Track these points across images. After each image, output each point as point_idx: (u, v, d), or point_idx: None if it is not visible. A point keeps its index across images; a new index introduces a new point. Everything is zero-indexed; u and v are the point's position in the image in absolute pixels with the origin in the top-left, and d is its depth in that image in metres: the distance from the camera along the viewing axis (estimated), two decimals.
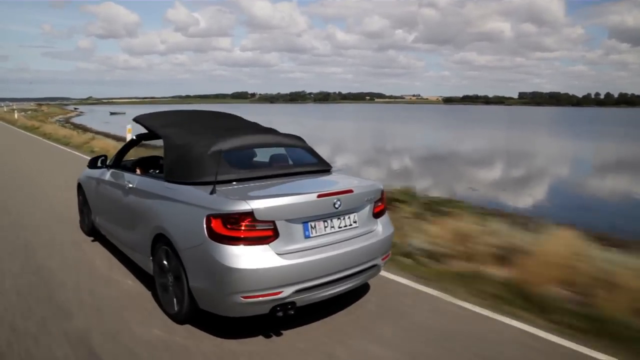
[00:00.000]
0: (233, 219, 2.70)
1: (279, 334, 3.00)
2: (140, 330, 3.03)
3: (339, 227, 3.09)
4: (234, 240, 2.70)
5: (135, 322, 3.14)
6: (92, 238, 5.08)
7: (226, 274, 2.67)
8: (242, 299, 2.70)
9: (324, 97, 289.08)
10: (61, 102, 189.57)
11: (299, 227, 2.88)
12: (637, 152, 25.99)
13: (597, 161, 22.59)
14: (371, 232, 3.31)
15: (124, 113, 72.30)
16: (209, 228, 2.73)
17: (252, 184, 3.15)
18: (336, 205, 3.01)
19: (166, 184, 3.30)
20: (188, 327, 3.07)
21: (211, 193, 2.86)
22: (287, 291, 2.76)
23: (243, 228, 2.70)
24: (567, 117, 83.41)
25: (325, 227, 3.02)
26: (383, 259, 3.38)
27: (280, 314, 2.81)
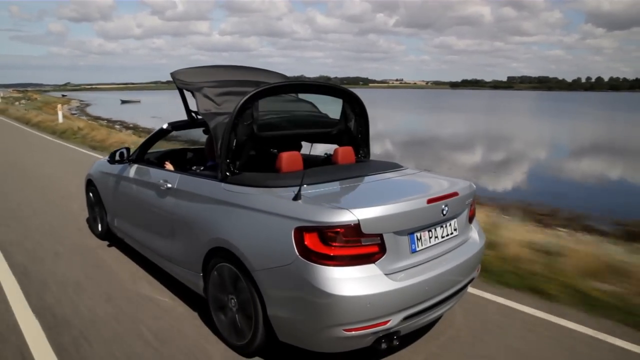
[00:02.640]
0: (334, 233, 2.11)
1: None
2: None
3: (442, 237, 2.55)
4: (335, 260, 2.12)
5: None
6: (107, 242, 4.41)
7: (325, 303, 2.09)
8: (344, 332, 2.14)
9: None
10: (34, 88, 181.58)
11: (405, 240, 2.32)
12: None
13: None
14: (469, 240, 2.80)
15: (139, 101, 67.62)
16: (300, 244, 2.14)
17: (336, 185, 2.56)
18: (444, 212, 2.47)
19: (224, 185, 2.68)
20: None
21: (295, 198, 2.27)
22: (395, 319, 2.22)
23: (346, 244, 2.13)
24: (612, 102, 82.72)
25: (430, 237, 2.47)
26: (477, 271, 2.87)
27: (384, 346, 2.27)
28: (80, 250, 4.24)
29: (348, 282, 2.10)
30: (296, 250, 2.14)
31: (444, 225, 2.56)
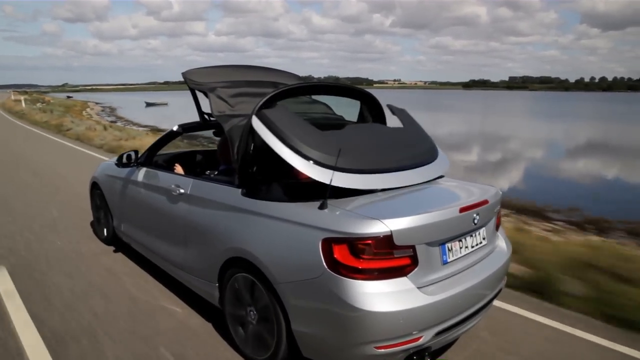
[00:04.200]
0: (365, 245, 1.99)
1: None
2: None
3: (472, 247, 2.43)
4: (366, 274, 1.99)
5: None
6: (113, 248, 4.27)
7: (356, 319, 1.97)
8: (375, 349, 2.01)
9: None
10: (29, 89, 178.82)
11: (436, 251, 2.20)
12: None
13: None
14: (496, 249, 2.68)
15: (166, 104, 60.43)
16: (329, 257, 2.02)
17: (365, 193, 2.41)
18: (475, 221, 2.36)
19: (242, 191, 2.54)
20: None
21: (321, 207, 2.14)
22: (428, 335, 2.10)
23: (378, 256, 2.00)
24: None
25: (461, 247, 2.35)
26: (503, 281, 2.76)
27: None
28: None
29: (380, 297, 1.98)
30: (324, 263, 2.02)
31: (474, 235, 2.44)
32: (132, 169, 3.68)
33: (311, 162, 2.24)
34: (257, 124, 2.41)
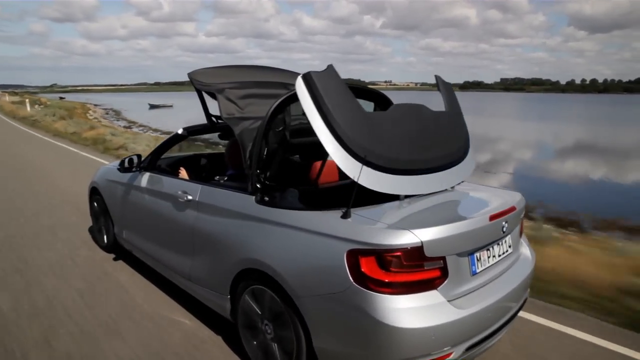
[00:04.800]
0: (394, 257, 1.86)
1: None
2: None
3: (499, 255, 2.32)
4: (395, 287, 1.87)
5: None
6: (113, 255, 4.12)
7: (386, 336, 1.85)
8: None
9: None
10: (17, 89, 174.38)
11: (465, 262, 2.08)
12: None
13: None
14: (521, 256, 2.57)
15: (171, 106, 56.47)
16: (355, 269, 1.89)
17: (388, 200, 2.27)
18: (504, 229, 2.25)
19: (257, 198, 2.41)
20: None
21: (345, 216, 2.01)
22: (458, 350, 1.99)
23: (408, 269, 1.88)
24: None
25: (489, 257, 2.24)
26: (528, 290, 2.65)
27: None
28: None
29: (411, 312, 1.85)
30: (350, 276, 1.89)
31: (500, 243, 2.33)
32: (135, 173, 3.53)
33: (342, 147, 2.04)
34: (300, 86, 2.12)
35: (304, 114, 2.11)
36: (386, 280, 1.86)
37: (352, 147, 2.05)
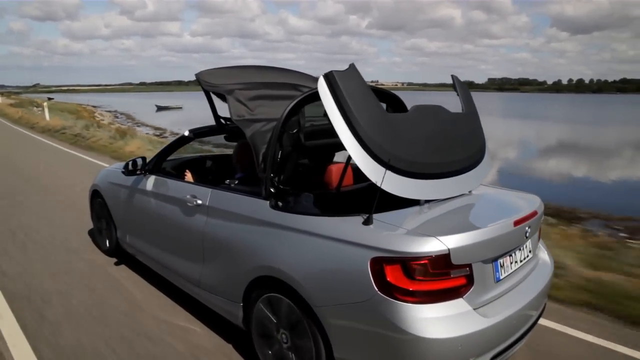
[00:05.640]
0: (420, 265, 1.80)
1: None
2: None
3: (520, 261, 2.27)
4: (421, 296, 1.81)
5: None
6: (115, 260, 4.02)
7: (412, 347, 1.78)
8: None
9: None
10: None
11: (490, 268, 2.03)
12: None
13: None
14: (540, 261, 2.53)
15: (180, 107, 52.05)
16: (380, 278, 1.82)
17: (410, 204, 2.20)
18: (527, 234, 2.20)
19: (272, 203, 2.33)
20: None
21: (367, 222, 1.95)
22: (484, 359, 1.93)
23: (434, 277, 1.82)
24: None
25: (511, 263, 2.19)
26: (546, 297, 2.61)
27: None
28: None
29: (438, 322, 1.80)
30: (374, 285, 1.83)
31: (522, 248, 2.28)
32: (140, 176, 3.43)
33: (365, 150, 1.97)
34: (322, 85, 2.06)
35: (325, 115, 2.03)
36: (412, 289, 1.80)
37: (375, 150, 1.99)
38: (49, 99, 59.91)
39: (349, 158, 2.07)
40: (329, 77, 2.04)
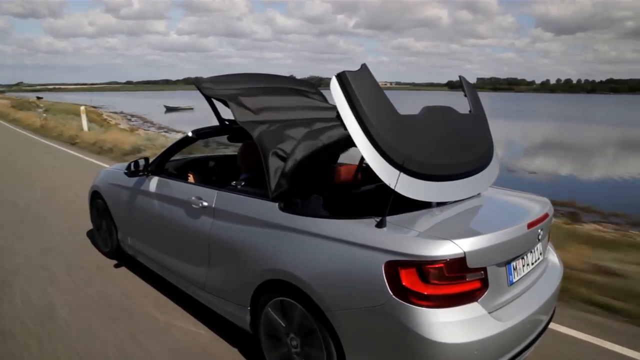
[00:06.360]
0: (436, 269, 1.78)
1: None
2: None
3: (532, 264, 2.25)
4: (437, 301, 1.79)
5: None
6: (115, 262, 3.97)
7: (427, 351, 1.76)
8: None
9: None
10: None
11: (503, 272, 2.01)
12: None
13: None
14: (549, 264, 2.51)
15: (192, 108, 46.12)
16: (395, 282, 1.80)
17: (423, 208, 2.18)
18: (539, 236, 2.18)
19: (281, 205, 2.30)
20: None
21: (380, 225, 1.92)
22: None
23: (450, 281, 1.80)
24: None
25: (523, 265, 2.17)
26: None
27: None
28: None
29: (454, 326, 1.77)
30: (389, 289, 1.80)
31: (533, 250, 2.26)
32: (142, 177, 3.38)
33: (378, 152, 1.94)
34: (334, 86, 2.02)
35: (338, 116, 2.00)
36: (427, 293, 1.77)
37: (388, 152, 1.96)
38: (38, 98, 56.61)
39: (362, 159, 2.04)
40: (342, 78, 2.01)
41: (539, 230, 2.16)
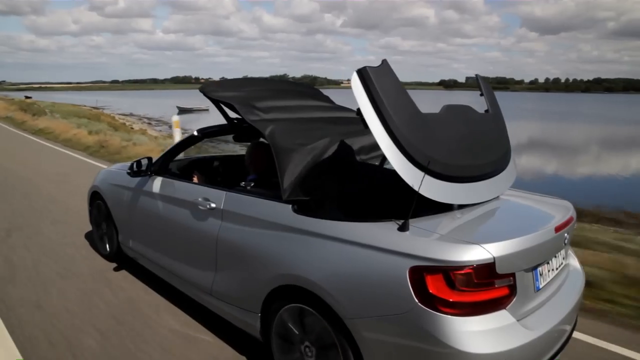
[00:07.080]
0: (464, 275, 1.68)
1: None
2: None
3: (556, 268, 2.17)
4: (465, 308, 1.69)
5: None
6: (115, 265, 3.84)
7: None
8: None
9: None
10: None
11: (530, 277, 1.92)
12: None
13: None
14: (571, 268, 2.43)
15: (207, 109, 39.43)
16: (420, 288, 1.70)
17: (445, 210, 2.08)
18: (565, 240, 2.10)
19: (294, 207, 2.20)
20: None
21: (403, 229, 1.82)
22: None
23: (478, 288, 1.70)
24: None
25: (549, 271, 2.08)
26: None
27: None
28: None
29: (483, 335, 1.68)
30: (414, 296, 1.70)
31: (557, 255, 2.18)
32: (145, 178, 3.26)
33: (402, 152, 1.84)
34: (355, 82, 1.90)
35: (359, 113, 1.90)
36: (454, 301, 1.68)
37: (412, 152, 1.87)
38: (27, 97, 52.32)
39: (384, 159, 1.94)
40: (363, 74, 1.90)
41: (565, 235, 2.08)
